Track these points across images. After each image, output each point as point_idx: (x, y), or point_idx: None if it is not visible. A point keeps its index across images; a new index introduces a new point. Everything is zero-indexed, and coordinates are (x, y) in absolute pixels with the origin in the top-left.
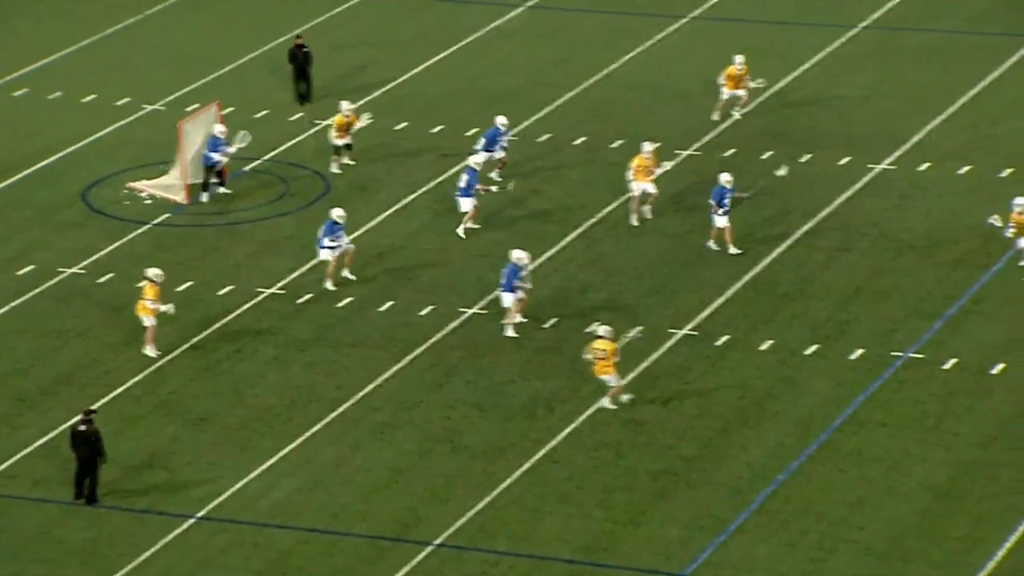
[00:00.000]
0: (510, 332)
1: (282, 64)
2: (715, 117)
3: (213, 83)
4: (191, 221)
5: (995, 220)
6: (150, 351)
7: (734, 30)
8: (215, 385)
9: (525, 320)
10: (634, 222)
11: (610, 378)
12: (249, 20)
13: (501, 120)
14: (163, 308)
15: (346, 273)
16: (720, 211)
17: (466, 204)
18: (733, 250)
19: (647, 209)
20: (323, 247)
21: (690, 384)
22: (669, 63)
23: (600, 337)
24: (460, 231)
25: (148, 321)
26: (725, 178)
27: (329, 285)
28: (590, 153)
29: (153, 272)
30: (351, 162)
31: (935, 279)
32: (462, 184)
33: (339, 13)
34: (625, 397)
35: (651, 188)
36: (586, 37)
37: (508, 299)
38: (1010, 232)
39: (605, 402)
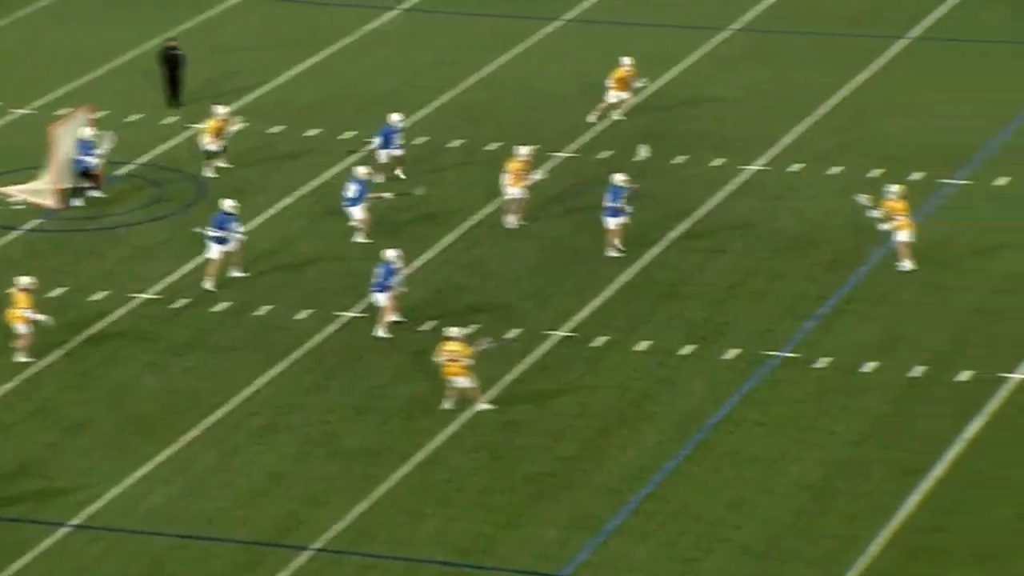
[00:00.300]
0: (382, 332)
1: (154, 67)
2: (592, 119)
3: (85, 86)
4: (63, 226)
5: (862, 199)
6: (23, 358)
7: (609, 32)
8: (91, 391)
9: (402, 320)
10: (509, 225)
11: (464, 381)
12: (121, 23)
13: (395, 117)
14: (41, 319)
15: (235, 272)
16: (617, 210)
17: (358, 213)
18: (612, 252)
19: (519, 216)
20: (210, 239)
21: (568, 385)
22: (545, 65)
23: (452, 339)
24: (360, 238)
25: (22, 328)
26: (619, 178)
27: (209, 285)
28: (467, 155)
29: (25, 280)
30: (227, 165)
31: (808, 279)
32: (350, 194)
33: (213, 16)
34: (448, 404)
35: (520, 193)
36: (462, 40)
37: (381, 299)
38: (877, 214)
39: (480, 406)
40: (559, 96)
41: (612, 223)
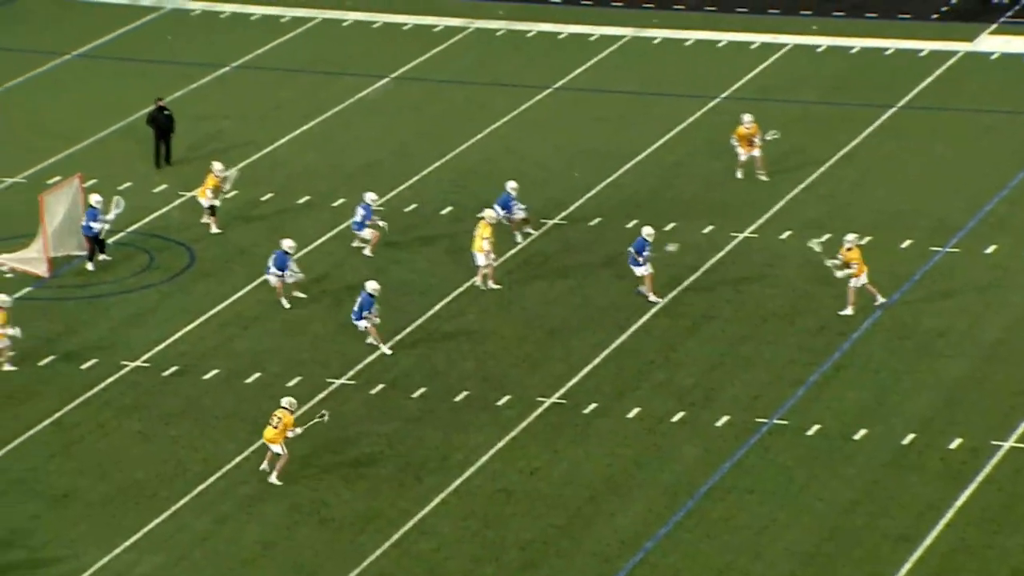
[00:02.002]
0: (384, 345)
1: (144, 135)
2: (739, 175)
3: (75, 155)
4: (53, 295)
5: (816, 245)
6: (7, 367)
7: (596, 100)
8: (79, 461)
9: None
10: (482, 285)
11: (276, 448)
12: (111, 92)
13: (511, 185)
14: (11, 332)
15: (296, 294)
16: (641, 260)
17: (365, 234)
18: (653, 298)
19: (485, 280)
20: (271, 274)
21: (559, 452)
22: (532, 133)
23: (283, 408)
24: (368, 252)
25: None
26: (647, 231)
27: (284, 303)
28: (455, 224)
29: (2, 298)
30: (217, 230)
31: (798, 346)
32: (357, 218)
33: (202, 84)
34: (273, 476)
35: (483, 260)
36: (449, 108)
37: (361, 325)
38: (833, 264)
39: (272, 478)
40: (545, 164)
41: (639, 271)
